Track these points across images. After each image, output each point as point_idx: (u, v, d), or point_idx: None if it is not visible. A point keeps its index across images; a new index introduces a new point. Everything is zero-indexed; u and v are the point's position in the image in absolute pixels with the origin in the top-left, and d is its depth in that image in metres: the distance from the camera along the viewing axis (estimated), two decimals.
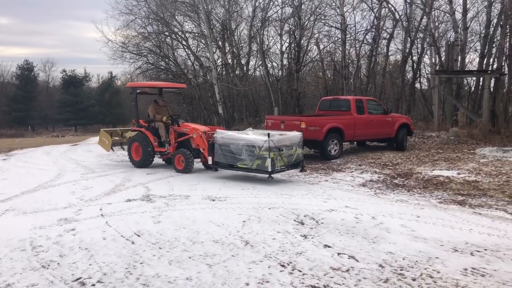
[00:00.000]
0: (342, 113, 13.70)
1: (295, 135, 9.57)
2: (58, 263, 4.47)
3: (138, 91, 11.91)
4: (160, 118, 11.24)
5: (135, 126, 11.72)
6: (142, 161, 11.28)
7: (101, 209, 6.79)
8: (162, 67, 32.64)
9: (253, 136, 9.13)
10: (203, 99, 30.36)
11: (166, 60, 32.36)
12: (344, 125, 13.03)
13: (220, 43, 29.47)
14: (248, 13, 29.00)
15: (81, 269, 4.29)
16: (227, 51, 29.05)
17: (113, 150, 13.16)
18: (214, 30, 29.25)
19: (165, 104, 12.00)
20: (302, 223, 5.84)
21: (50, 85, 63.51)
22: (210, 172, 10.38)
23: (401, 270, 4.17)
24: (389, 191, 8.24)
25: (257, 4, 27.76)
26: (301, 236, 5.25)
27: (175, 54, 33.07)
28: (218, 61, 28.87)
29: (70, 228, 5.72)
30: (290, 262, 4.40)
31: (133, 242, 5.11)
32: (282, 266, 4.31)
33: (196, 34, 30.08)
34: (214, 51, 29.36)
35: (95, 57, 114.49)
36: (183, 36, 30.91)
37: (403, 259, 4.46)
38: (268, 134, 8.73)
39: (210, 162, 10.04)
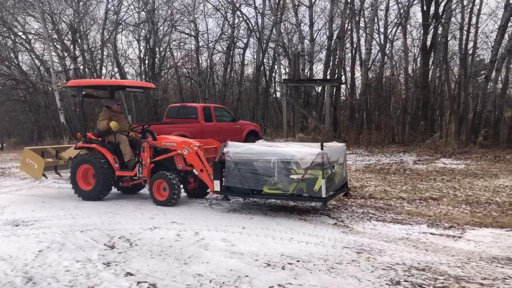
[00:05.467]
0: (190, 121, 13.29)
1: (340, 147, 7.27)
2: None
3: (83, 92, 8.44)
4: (113, 125, 8.04)
5: (81, 141, 8.38)
6: (97, 191, 7.95)
7: None
8: (2, 71, 28.99)
9: (294, 148, 6.63)
10: (50, 107, 27.61)
11: (7, 63, 28.83)
12: (191, 133, 12.57)
13: (71, 47, 27.14)
14: (100, 15, 27.27)
15: None
16: (77, 55, 26.86)
17: (46, 177, 9.57)
18: (60, 32, 26.82)
19: (121, 110, 8.89)
20: (113, 247, 5.11)
21: None
22: (30, 191, 9.01)
23: None
24: (225, 201, 7.92)
25: (109, 6, 26.19)
26: (104, 264, 4.52)
27: (19, 57, 29.72)
28: (70, 66, 26.56)
29: None
30: None
31: None
32: None
33: (40, 36, 27.29)
34: (64, 55, 26.92)
35: None
36: (25, 38, 27.85)
37: (210, 281, 4.02)
38: (321, 144, 6.34)
39: (216, 188, 7.02)
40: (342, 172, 7.10)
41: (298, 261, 4.54)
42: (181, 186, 7.62)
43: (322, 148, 6.19)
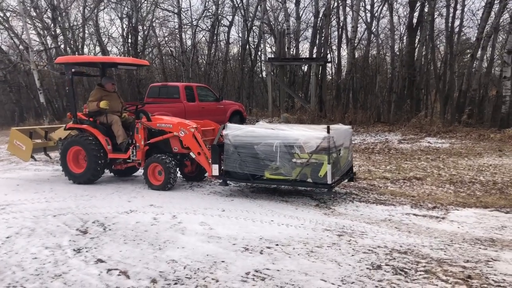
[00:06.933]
0: (171, 101, 13.00)
1: (346, 130, 6.95)
2: None
3: (73, 69, 7.86)
4: (103, 104, 7.49)
5: (72, 122, 7.94)
6: (88, 174, 7.57)
7: None
8: None
9: (298, 131, 6.25)
10: (32, 87, 26.92)
11: None
12: (173, 113, 12.28)
13: (52, 25, 26.30)
14: None
15: None
16: (58, 33, 26.05)
17: (35, 159, 9.04)
18: (39, 9, 25.94)
19: (115, 89, 8.30)
20: (85, 232, 4.90)
21: None
22: (6, 173, 8.69)
23: (175, 283, 3.54)
24: (207, 182, 7.74)
25: None
26: (74, 250, 4.31)
27: None
28: (52, 45, 25.78)
29: None
30: None
31: None
32: None
33: (18, 13, 26.36)
34: (44, 33, 26.08)
35: None
36: (2, 16, 26.92)
37: (184, 268, 3.85)
38: (328, 127, 6.00)
39: (214, 173, 6.68)
40: (348, 156, 6.81)
41: (277, 244, 4.39)
42: (177, 169, 7.34)
43: (328, 132, 5.88)
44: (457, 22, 18.73)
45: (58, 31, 25.86)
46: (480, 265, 3.81)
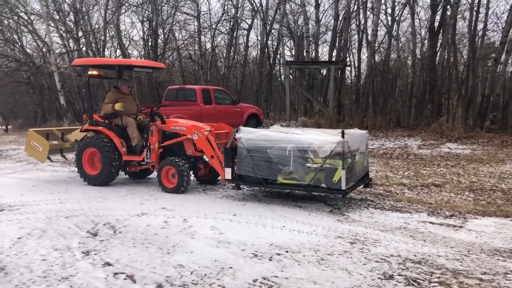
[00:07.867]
0: (188, 103, 13.03)
1: (362, 135, 6.78)
2: None
3: (89, 72, 7.94)
4: (118, 106, 7.55)
5: (87, 123, 8.03)
6: (103, 176, 7.60)
7: None
8: (6, 53, 28.70)
9: (312, 136, 6.15)
10: (54, 89, 27.45)
11: (11, 45, 28.53)
12: (189, 116, 12.28)
13: (75, 28, 26.76)
14: None
15: None
16: (80, 36, 26.49)
17: (51, 160, 9.21)
18: (62, 12, 26.42)
19: (131, 92, 8.32)
20: (95, 235, 4.89)
21: None
22: (23, 174, 8.81)
23: None
24: (220, 186, 7.70)
25: None
26: (83, 252, 4.30)
27: (24, 39, 29.52)
28: (74, 48, 26.24)
29: None
30: None
31: None
32: None
33: (41, 17, 26.91)
34: (66, 36, 26.56)
35: None
36: (27, 19, 27.51)
37: (191, 273, 3.79)
38: (343, 132, 5.90)
39: (227, 176, 6.64)
40: (364, 162, 6.64)
41: (287, 251, 4.30)
42: (191, 172, 7.33)
43: (343, 136, 5.75)
44: (480, 26, 18.33)
45: (80, 34, 26.28)
46: (498, 278, 3.65)
